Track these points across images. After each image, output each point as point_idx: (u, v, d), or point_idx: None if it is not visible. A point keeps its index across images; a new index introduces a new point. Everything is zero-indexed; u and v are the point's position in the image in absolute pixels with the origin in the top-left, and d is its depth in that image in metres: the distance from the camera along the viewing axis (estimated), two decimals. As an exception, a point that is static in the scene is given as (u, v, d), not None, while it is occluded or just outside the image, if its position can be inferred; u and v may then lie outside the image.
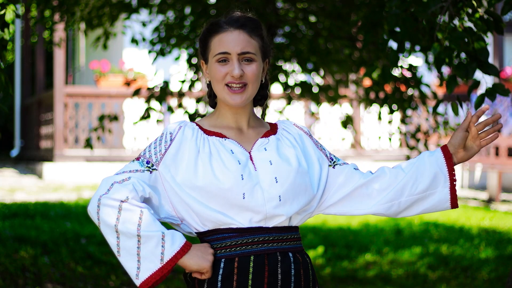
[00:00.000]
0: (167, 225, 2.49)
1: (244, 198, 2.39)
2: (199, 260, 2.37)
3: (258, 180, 2.43)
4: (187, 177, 2.40)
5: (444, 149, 2.56)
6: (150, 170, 2.43)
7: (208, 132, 2.48)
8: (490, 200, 11.49)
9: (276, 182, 2.43)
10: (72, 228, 7.71)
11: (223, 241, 2.41)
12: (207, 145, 2.45)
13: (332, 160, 2.60)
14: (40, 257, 6.55)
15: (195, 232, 2.47)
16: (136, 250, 2.34)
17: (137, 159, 2.45)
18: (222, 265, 2.40)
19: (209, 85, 2.55)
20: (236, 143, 2.48)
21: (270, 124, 2.63)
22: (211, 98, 2.57)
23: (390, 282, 6.83)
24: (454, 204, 2.56)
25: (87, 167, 12.51)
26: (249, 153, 2.48)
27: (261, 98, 2.58)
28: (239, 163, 2.42)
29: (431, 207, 2.58)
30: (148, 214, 2.35)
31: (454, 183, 2.56)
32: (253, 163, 2.45)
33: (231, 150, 2.45)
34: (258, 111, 2.64)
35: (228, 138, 2.48)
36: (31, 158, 14.63)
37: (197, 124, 2.51)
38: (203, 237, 2.45)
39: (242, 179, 2.40)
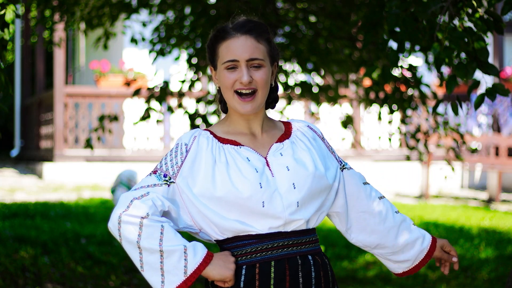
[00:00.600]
0: (187, 235, 2.49)
1: (263, 206, 2.40)
2: (221, 270, 2.38)
3: (276, 186, 2.43)
4: (205, 188, 2.40)
5: (433, 245, 2.72)
6: (168, 183, 2.43)
7: (223, 140, 2.48)
8: (490, 200, 11.49)
9: (294, 188, 2.44)
10: (72, 228, 7.72)
11: (243, 248, 2.42)
12: (223, 154, 2.44)
13: (341, 163, 2.63)
14: (40, 257, 6.55)
15: (214, 240, 2.48)
16: (159, 265, 2.35)
17: (154, 172, 2.45)
18: (243, 272, 2.41)
19: (219, 91, 2.54)
20: (251, 150, 2.47)
21: (284, 123, 2.62)
22: (222, 104, 2.56)
23: (390, 282, 6.82)
24: (399, 275, 2.77)
25: (87, 167, 12.51)
26: (265, 158, 2.47)
27: (272, 101, 2.57)
28: (257, 171, 2.42)
29: (383, 262, 2.78)
30: (169, 228, 2.36)
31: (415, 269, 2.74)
32: (270, 169, 2.45)
33: (247, 158, 2.44)
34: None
35: (243, 146, 2.48)
36: (31, 158, 14.62)
37: (211, 132, 2.50)
38: (223, 244, 2.46)
39: (261, 187, 2.40)
